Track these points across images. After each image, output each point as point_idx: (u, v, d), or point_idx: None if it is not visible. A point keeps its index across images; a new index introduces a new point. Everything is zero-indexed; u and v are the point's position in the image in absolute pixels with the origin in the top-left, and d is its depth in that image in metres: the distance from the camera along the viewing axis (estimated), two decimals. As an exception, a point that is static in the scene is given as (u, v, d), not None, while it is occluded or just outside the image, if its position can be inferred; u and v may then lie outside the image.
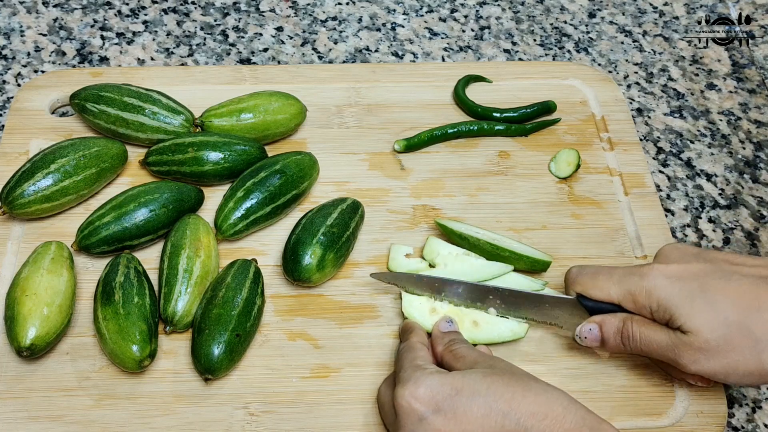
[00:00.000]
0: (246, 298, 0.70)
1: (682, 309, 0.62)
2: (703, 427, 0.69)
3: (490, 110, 0.88)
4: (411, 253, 0.77)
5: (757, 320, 0.60)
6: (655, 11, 1.07)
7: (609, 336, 0.67)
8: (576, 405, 0.58)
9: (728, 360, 0.61)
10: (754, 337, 0.60)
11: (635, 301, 0.65)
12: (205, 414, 0.68)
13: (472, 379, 0.59)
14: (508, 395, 0.58)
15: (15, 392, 0.68)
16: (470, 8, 1.06)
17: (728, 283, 0.62)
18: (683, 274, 0.64)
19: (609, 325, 0.66)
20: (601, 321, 0.67)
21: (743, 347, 0.61)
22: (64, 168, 0.75)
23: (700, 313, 0.61)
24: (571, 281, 0.70)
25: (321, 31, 1.01)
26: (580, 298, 0.69)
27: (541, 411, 0.57)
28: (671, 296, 0.63)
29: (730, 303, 0.61)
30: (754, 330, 0.60)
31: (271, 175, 0.77)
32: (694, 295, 0.62)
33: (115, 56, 0.96)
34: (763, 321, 0.60)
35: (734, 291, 0.62)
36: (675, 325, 0.63)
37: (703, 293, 0.62)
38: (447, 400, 0.58)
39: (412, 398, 0.59)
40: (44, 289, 0.68)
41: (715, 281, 0.62)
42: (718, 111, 0.97)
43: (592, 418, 0.58)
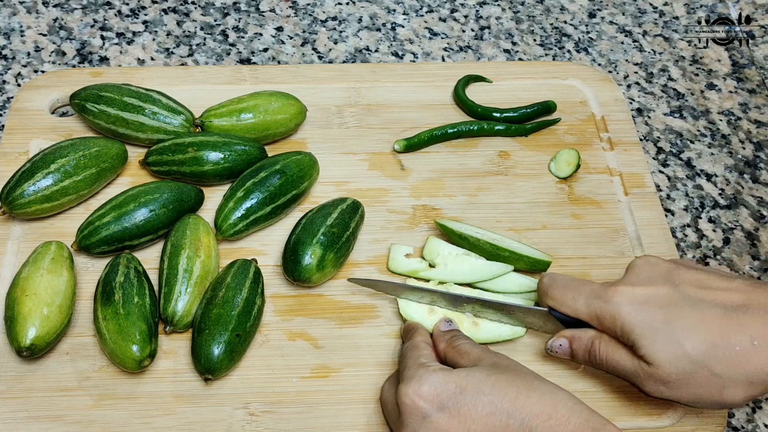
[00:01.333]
0: (246, 298, 0.70)
1: (645, 340, 0.61)
2: (703, 427, 0.69)
3: (490, 110, 0.88)
4: (411, 253, 0.77)
5: (719, 357, 0.59)
6: (655, 11, 1.07)
7: (578, 352, 0.67)
8: (580, 406, 0.58)
9: (690, 392, 0.61)
10: (715, 373, 0.59)
11: (601, 324, 0.65)
12: (205, 414, 0.68)
13: (477, 378, 0.59)
14: (512, 394, 0.58)
15: (15, 392, 0.68)
16: (470, 8, 1.06)
17: (693, 313, 0.61)
18: (649, 299, 0.63)
19: (578, 341, 0.67)
20: (570, 336, 0.67)
21: (704, 383, 0.60)
22: (64, 168, 0.75)
23: (662, 348, 0.60)
24: (542, 293, 0.69)
25: (321, 31, 1.01)
26: (551, 310, 0.69)
27: (546, 411, 0.57)
28: (634, 325, 0.62)
29: (692, 338, 0.60)
30: (715, 367, 0.59)
31: (271, 175, 0.77)
32: (658, 328, 0.61)
33: (115, 56, 0.96)
34: (725, 357, 0.59)
35: (698, 325, 0.60)
36: (638, 353, 0.62)
37: (666, 325, 0.61)
38: (451, 399, 0.58)
39: (416, 396, 0.59)
40: (44, 289, 0.68)
41: (680, 311, 0.61)
42: (718, 111, 0.97)
43: (596, 420, 0.58)
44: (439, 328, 0.70)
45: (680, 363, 0.60)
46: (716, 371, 0.59)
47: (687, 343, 0.60)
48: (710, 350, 0.59)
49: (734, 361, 0.59)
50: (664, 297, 0.62)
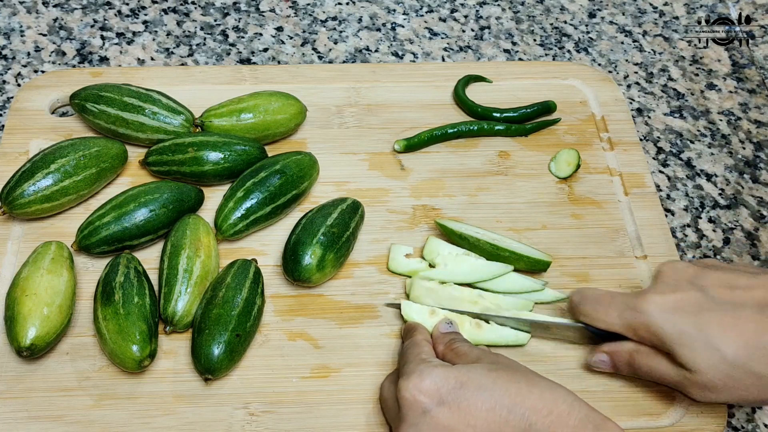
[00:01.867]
0: (246, 298, 0.70)
1: (682, 349, 0.62)
2: (703, 427, 0.69)
3: (490, 110, 0.88)
4: (411, 253, 0.77)
5: (758, 357, 0.60)
6: (655, 11, 1.07)
7: (620, 365, 0.68)
8: (580, 403, 0.58)
9: (735, 395, 0.61)
10: (757, 374, 0.60)
11: (636, 335, 0.65)
12: (205, 414, 0.68)
13: (477, 373, 0.60)
14: (513, 390, 0.58)
15: (15, 392, 0.68)
16: (470, 8, 1.06)
17: (725, 317, 0.61)
18: (679, 305, 0.63)
19: (618, 356, 0.68)
20: (609, 351, 0.68)
21: (748, 384, 0.60)
22: (64, 168, 0.75)
23: (701, 354, 0.61)
24: (575, 311, 0.70)
25: (321, 31, 1.01)
26: (586, 326, 0.69)
27: (546, 407, 0.57)
28: (670, 334, 0.62)
29: (728, 342, 0.60)
30: (755, 368, 0.60)
31: (271, 175, 0.77)
32: (692, 335, 0.61)
33: (115, 56, 0.96)
34: (763, 357, 0.60)
35: (731, 328, 0.61)
36: (677, 361, 0.63)
37: (700, 332, 0.61)
38: (451, 393, 0.58)
39: (416, 390, 0.59)
40: (44, 289, 0.68)
41: (711, 316, 0.62)
42: (718, 111, 0.97)
43: (596, 416, 0.58)
44: (439, 330, 0.70)
45: (721, 368, 0.60)
46: (757, 371, 0.60)
47: (724, 348, 0.60)
48: (747, 352, 0.60)
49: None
50: (694, 303, 0.62)
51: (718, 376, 0.61)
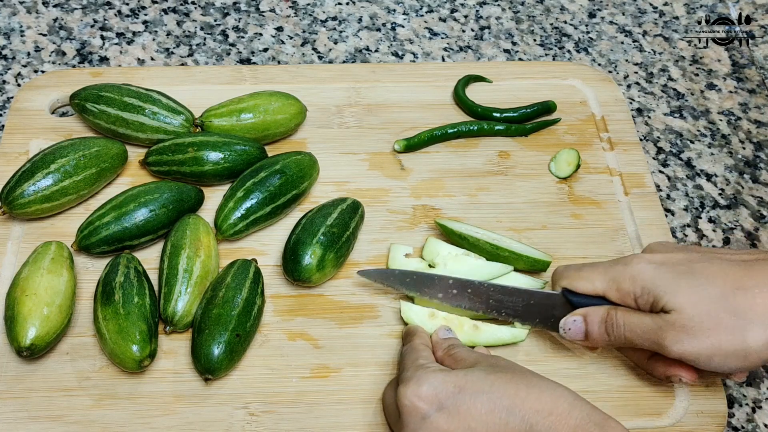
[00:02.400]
0: (246, 298, 0.70)
1: (666, 288, 0.62)
2: (703, 427, 0.69)
3: (490, 110, 0.88)
4: (411, 252, 0.77)
5: (740, 298, 0.60)
6: (655, 11, 1.07)
7: (593, 327, 0.66)
8: (581, 401, 0.58)
9: (711, 339, 0.61)
10: (737, 313, 0.60)
11: (619, 289, 0.65)
12: (205, 414, 0.68)
13: (475, 377, 0.59)
14: (511, 392, 0.58)
15: (15, 392, 0.68)
16: (470, 8, 1.06)
17: (711, 264, 0.63)
18: (668, 260, 0.65)
19: (593, 315, 0.67)
20: (585, 312, 0.67)
21: (727, 325, 0.60)
22: (64, 168, 0.75)
23: (684, 291, 0.62)
24: (557, 276, 0.70)
25: (321, 31, 1.01)
26: (565, 293, 0.69)
27: (546, 408, 0.57)
28: (655, 279, 0.63)
29: (713, 282, 0.62)
30: (737, 307, 0.60)
31: (271, 175, 0.77)
32: (679, 276, 0.63)
33: (115, 56, 0.96)
34: (746, 298, 0.60)
35: (717, 271, 0.62)
36: (658, 306, 0.63)
37: (687, 274, 0.62)
38: (450, 398, 0.58)
39: (414, 397, 0.59)
40: (44, 289, 0.68)
41: (698, 264, 0.63)
42: (718, 111, 0.97)
43: (597, 415, 0.58)
44: (438, 336, 0.70)
45: (702, 305, 0.61)
46: (738, 312, 0.60)
47: (708, 286, 0.61)
48: (731, 292, 0.61)
49: (755, 301, 0.60)
50: (683, 258, 0.64)
51: (698, 313, 0.61)
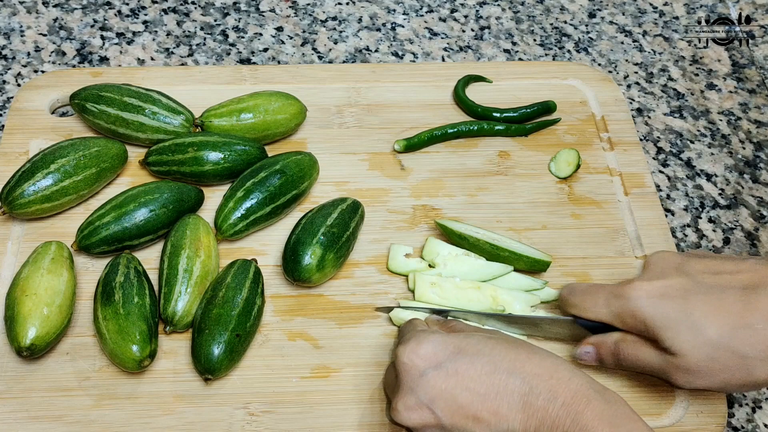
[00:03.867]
0: (246, 298, 0.70)
1: (667, 332, 0.62)
2: (703, 427, 0.69)
3: (490, 110, 0.88)
4: (411, 252, 0.77)
5: (742, 338, 0.60)
6: (655, 11, 1.07)
7: (605, 356, 0.68)
8: (581, 372, 0.59)
9: (719, 378, 0.61)
10: (740, 355, 0.60)
11: (623, 323, 0.66)
12: (205, 414, 0.68)
13: (476, 340, 0.60)
14: (512, 356, 0.58)
15: (15, 392, 0.68)
16: (470, 8, 1.06)
17: (710, 299, 0.62)
18: (665, 291, 0.63)
19: (603, 346, 0.68)
20: (595, 342, 0.68)
21: (731, 366, 0.61)
22: (64, 168, 0.75)
23: (685, 337, 0.61)
24: (564, 303, 0.71)
25: (321, 31, 1.01)
26: (576, 320, 0.70)
27: (547, 372, 0.58)
28: (655, 318, 0.63)
29: (712, 324, 0.61)
30: (739, 349, 0.60)
31: (271, 175, 0.77)
32: (678, 319, 0.62)
33: (115, 56, 0.96)
34: (747, 337, 0.60)
35: (716, 309, 0.61)
36: (662, 346, 0.63)
37: (685, 315, 0.62)
38: (449, 358, 0.59)
39: (413, 354, 0.59)
40: (44, 289, 0.68)
41: (696, 299, 0.62)
42: (718, 111, 0.97)
43: (597, 384, 0.58)
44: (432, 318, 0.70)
45: (704, 349, 0.61)
46: (741, 353, 0.60)
47: (708, 330, 0.61)
48: (732, 333, 0.60)
49: (756, 339, 0.59)
50: (680, 288, 0.63)
51: (701, 358, 0.61)
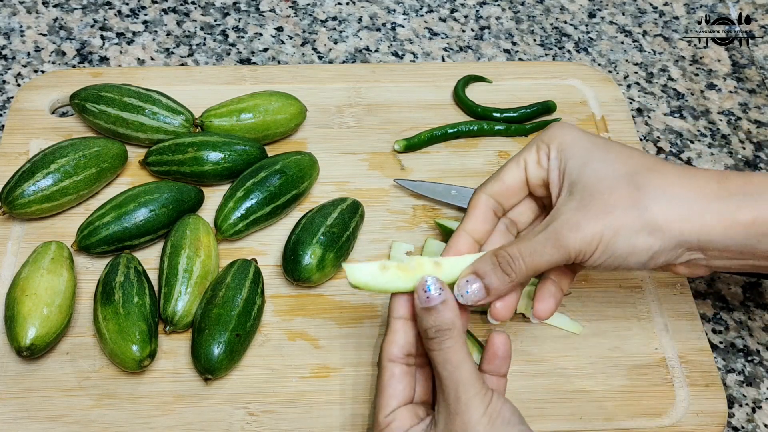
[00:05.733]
0: (246, 298, 0.70)
1: (576, 161, 0.56)
2: (703, 427, 0.69)
3: (490, 110, 0.88)
4: (412, 250, 0.77)
5: (649, 176, 0.55)
6: (655, 11, 1.07)
7: (490, 277, 0.56)
8: None
9: (612, 215, 0.54)
10: (641, 187, 0.54)
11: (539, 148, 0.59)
12: (205, 414, 0.68)
13: None
14: None
15: (15, 392, 0.68)
16: (470, 8, 1.06)
17: (630, 150, 0.58)
18: (582, 133, 0.58)
19: (482, 264, 0.56)
20: (473, 268, 0.57)
21: (629, 197, 0.54)
22: (64, 168, 0.75)
23: (593, 165, 0.56)
24: None
25: (321, 31, 1.01)
26: None
27: None
28: (567, 144, 0.57)
29: (625, 162, 0.56)
30: (643, 182, 0.54)
31: (271, 175, 0.77)
32: (591, 147, 0.57)
33: (115, 56, 0.96)
34: (654, 177, 0.55)
35: (633, 155, 0.57)
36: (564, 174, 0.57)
37: (599, 148, 0.57)
38: None
39: None
40: (44, 289, 0.68)
41: (613, 144, 0.58)
42: (718, 111, 0.97)
43: None
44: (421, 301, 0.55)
45: (607, 181, 0.55)
46: (643, 185, 0.54)
47: (619, 165, 0.56)
48: (641, 171, 0.55)
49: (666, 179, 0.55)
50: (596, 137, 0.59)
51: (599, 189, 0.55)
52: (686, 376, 0.71)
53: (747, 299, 0.80)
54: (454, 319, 0.55)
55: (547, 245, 0.55)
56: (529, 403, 0.69)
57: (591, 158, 0.57)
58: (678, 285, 0.77)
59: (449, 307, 0.55)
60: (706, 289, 0.80)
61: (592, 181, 0.55)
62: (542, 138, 0.61)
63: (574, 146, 0.58)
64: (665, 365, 0.72)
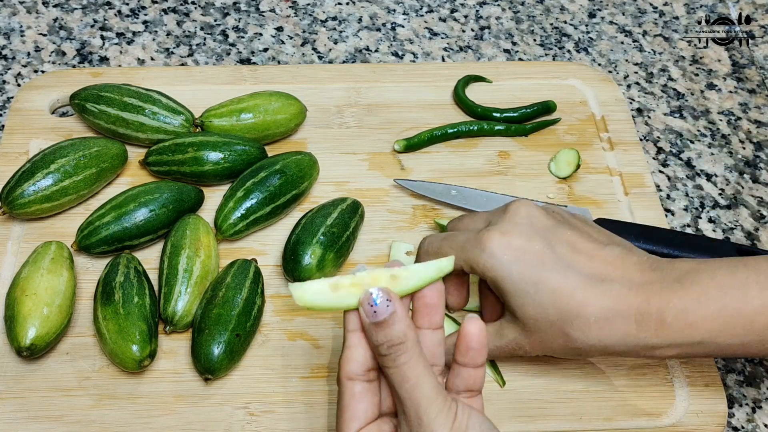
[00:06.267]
0: (246, 298, 0.70)
1: (515, 298, 0.61)
2: (703, 427, 0.69)
3: (490, 110, 0.88)
4: (412, 250, 0.77)
5: (576, 326, 0.61)
6: (655, 11, 1.07)
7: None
8: None
9: (544, 345, 0.63)
10: (568, 336, 0.61)
11: (473, 271, 0.63)
12: (205, 414, 0.68)
13: None
14: None
15: (15, 392, 0.68)
16: (470, 8, 1.06)
17: (561, 278, 0.61)
18: (523, 254, 0.61)
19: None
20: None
21: (558, 342, 0.62)
22: (64, 168, 0.75)
23: (530, 311, 0.61)
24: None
25: (321, 31, 1.01)
26: None
27: None
28: (506, 281, 0.61)
29: (556, 305, 0.61)
30: (570, 332, 0.61)
31: (271, 175, 0.77)
32: (526, 290, 0.61)
33: (115, 56, 0.96)
34: (577, 324, 0.61)
35: (563, 292, 0.60)
36: (506, 303, 0.63)
37: (535, 288, 0.61)
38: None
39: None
40: (44, 289, 0.68)
41: (548, 275, 0.61)
42: (718, 111, 0.97)
43: None
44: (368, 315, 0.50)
45: (543, 325, 0.62)
46: (572, 336, 0.61)
47: (549, 310, 0.61)
48: (568, 320, 0.61)
49: (588, 330, 0.61)
50: (537, 254, 0.61)
51: (537, 328, 0.62)
52: (686, 376, 0.71)
53: (747, 299, 0.80)
54: (407, 330, 0.50)
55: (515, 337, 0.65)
56: (529, 403, 0.69)
57: (525, 300, 0.62)
58: (678, 285, 0.77)
59: (399, 318, 0.50)
60: (706, 289, 0.80)
61: (530, 323, 0.62)
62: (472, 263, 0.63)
63: (508, 285, 0.62)
64: (665, 365, 0.72)
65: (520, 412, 0.69)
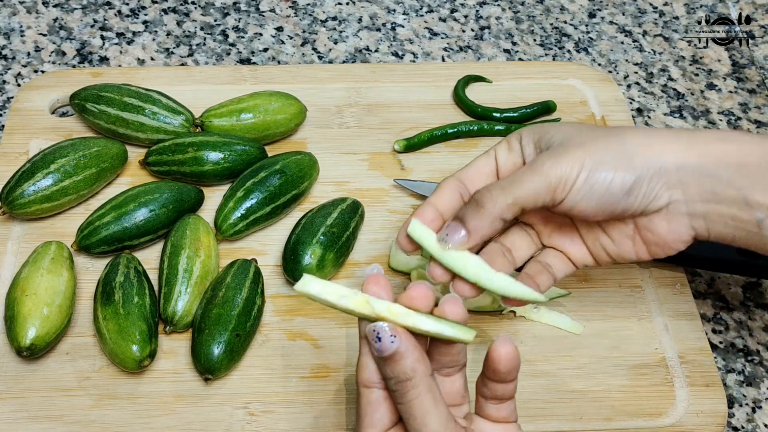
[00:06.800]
0: (246, 298, 0.70)
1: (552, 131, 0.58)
2: (703, 427, 0.69)
3: (490, 110, 0.88)
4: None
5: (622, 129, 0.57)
6: (655, 11, 1.07)
7: (466, 213, 0.56)
8: None
9: (588, 148, 0.55)
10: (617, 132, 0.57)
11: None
12: (205, 414, 0.68)
13: None
14: None
15: (15, 392, 0.68)
16: (470, 8, 1.06)
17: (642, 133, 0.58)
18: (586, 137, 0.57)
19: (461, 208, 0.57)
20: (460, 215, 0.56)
21: (602, 136, 0.56)
22: (64, 168, 0.75)
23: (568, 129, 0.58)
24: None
25: (321, 31, 1.01)
26: None
27: None
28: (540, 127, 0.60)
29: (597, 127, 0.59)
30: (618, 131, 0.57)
31: (271, 175, 0.77)
32: (565, 125, 0.59)
33: (115, 56, 0.96)
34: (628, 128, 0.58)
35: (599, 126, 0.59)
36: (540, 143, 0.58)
37: (574, 125, 0.59)
38: None
39: None
40: (44, 289, 0.68)
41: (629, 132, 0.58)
42: (718, 111, 0.97)
43: None
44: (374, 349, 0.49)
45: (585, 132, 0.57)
46: (618, 131, 0.57)
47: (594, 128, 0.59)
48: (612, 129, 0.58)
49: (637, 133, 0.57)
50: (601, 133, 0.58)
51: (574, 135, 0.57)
52: (686, 376, 0.71)
53: (747, 299, 0.80)
54: (415, 365, 0.48)
55: (527, 173, 0.55)
56: (529, 403, 0.69)
57: (566, 128, 0.58)
58: (678, 285, 0.77)
59: (404, 355, 0.48)
60: (706, 289, 0.80)
61: (571, 136, 0.56)
62: (511, 134, 0.62)
63: (546, 127, 0.60)
64: (665, 365, 0.72)
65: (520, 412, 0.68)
